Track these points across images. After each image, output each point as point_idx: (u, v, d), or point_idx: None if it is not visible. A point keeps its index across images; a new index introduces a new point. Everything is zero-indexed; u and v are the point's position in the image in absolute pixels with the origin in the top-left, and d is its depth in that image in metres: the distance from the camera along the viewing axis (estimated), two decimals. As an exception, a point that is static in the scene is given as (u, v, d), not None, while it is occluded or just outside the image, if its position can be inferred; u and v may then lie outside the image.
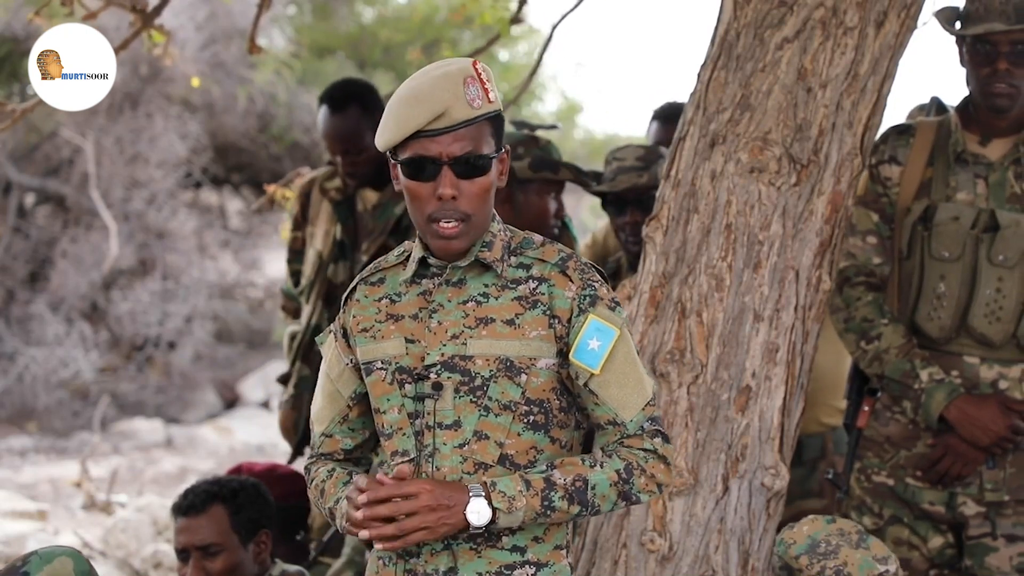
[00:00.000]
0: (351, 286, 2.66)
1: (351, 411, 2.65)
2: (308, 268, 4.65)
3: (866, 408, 3.82)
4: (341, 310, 2.66)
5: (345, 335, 2.63)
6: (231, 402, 12.04)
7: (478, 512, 2.44)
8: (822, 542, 3.01)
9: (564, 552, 2.58)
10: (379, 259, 2.67)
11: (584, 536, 3.52)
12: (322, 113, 4.62)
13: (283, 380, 4.81)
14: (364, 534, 2.47)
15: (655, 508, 3.43)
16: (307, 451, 4.66)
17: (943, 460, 3.70)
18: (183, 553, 3.59)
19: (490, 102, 2.50)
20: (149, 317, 11.45)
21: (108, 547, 6.54)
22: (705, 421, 3.46)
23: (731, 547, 3.44)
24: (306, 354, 4.62)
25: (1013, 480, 3.69)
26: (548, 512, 2.47)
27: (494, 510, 2.44)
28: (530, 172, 4.14)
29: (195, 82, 5.80)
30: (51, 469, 9.25)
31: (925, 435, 3.75)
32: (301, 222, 4.72)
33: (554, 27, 5.54)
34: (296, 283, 4.75)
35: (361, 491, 2.47)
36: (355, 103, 4.57)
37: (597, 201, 4.91)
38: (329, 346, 2.67)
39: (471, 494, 2.45)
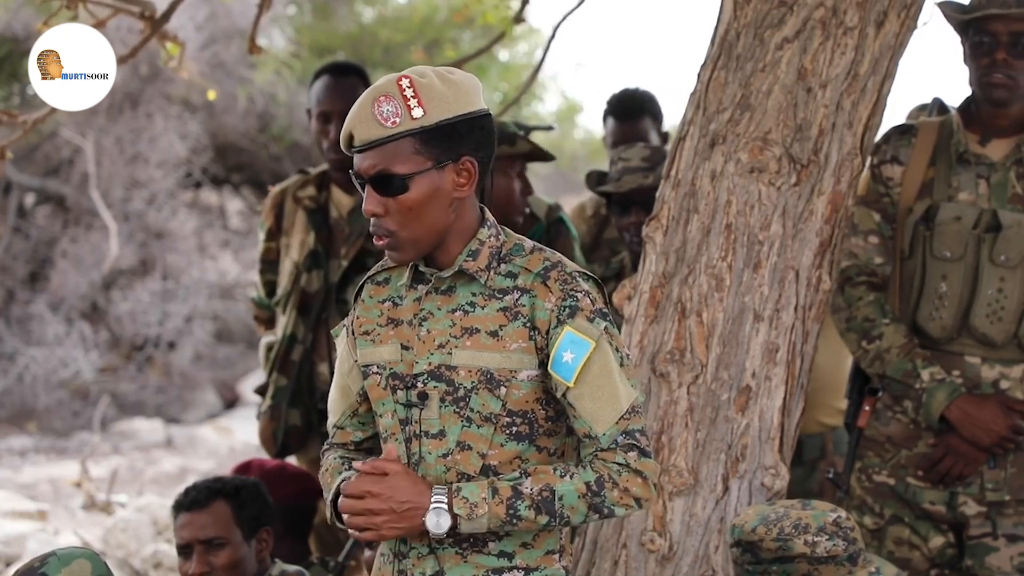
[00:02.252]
0: (360, 283, 2.66)
1: (360, 406, 2.67)
2: (284, 279, 4.61)
3: (867, 408, 3.81)
4: (352, 307, 2.67)
5: (353, 333, 2.64)
6: (231, 402, 12.04)
7: (437, 522, 2.45)
8: (771, 513, 3.08)
9: (557, 556, 2.57)
10: (386, 258, 2.67)
11: (584, 536, 3.51)
12: (321, 82, 4.62)
13: (261, 391, 4.74)
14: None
15: (655, 508, 3.43)
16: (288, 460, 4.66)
17: (944, 460, 3.70)
18: (186, 548, 3.57)
19: (413, 119, 2.44)
20: (149, 317, 11.44)
21: (108, 547, 6.54)
22: (705, 421, 3.46)
23: (731, 547, 3.44)
24: (283, 365, 4.57)
25: (1014, 480, 3.69)
26: (514, 521, 2.46)
27: (455, 516, 2.45)
28: None
29: (211, 95, 5.79)
30: (51, 469, 9.26)
31: (926, 435, 3.75)
32: (275, 232, 4.68)
33: (556, 27, 5.51)
34: (269, 293, 4.72)
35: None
36: (355, 74, 4.64)
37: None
38: (341, 341, 2.68)
39: (432, 503, 2.45)
